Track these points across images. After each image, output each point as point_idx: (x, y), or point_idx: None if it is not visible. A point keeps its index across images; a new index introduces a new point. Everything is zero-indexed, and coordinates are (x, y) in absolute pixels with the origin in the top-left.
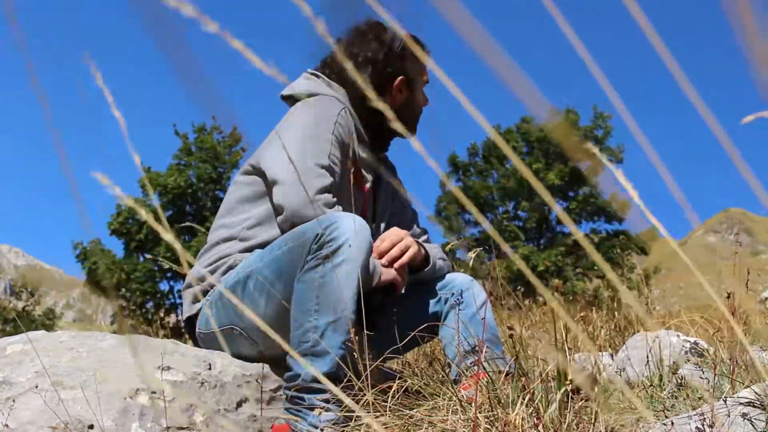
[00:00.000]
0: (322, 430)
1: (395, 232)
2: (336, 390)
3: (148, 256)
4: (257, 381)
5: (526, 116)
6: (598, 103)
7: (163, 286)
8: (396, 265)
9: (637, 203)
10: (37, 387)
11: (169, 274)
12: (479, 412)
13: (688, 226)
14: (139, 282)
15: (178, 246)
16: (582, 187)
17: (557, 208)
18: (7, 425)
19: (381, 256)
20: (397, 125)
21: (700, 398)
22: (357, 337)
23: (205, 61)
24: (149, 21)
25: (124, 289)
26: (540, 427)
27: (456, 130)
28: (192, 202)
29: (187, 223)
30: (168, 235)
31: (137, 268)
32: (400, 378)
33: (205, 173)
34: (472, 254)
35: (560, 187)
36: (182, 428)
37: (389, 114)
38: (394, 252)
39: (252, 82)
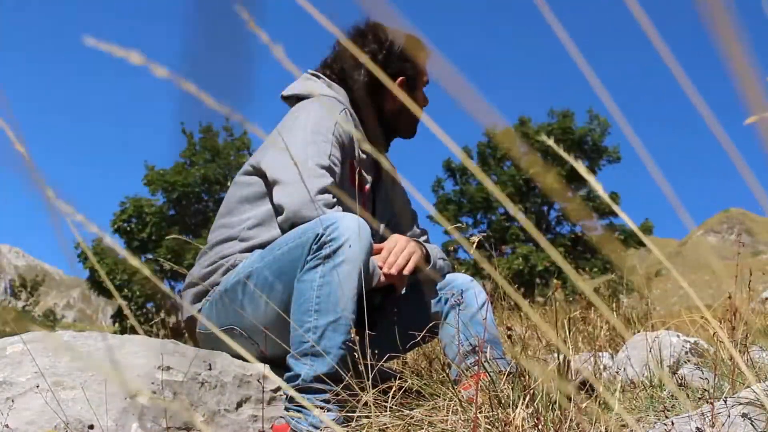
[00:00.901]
0: (322, 430)
1: (398, 241)
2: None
3: (149, 256)
4: (258, 381)
5: (524, 116)
6: (594, 105)
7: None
8: (406, 271)
9: (619, 208)
10: (37, 387)
11: (169, 275)
12: (479, 413)
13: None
14: (140, 283)
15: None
16: (581, 187)
17: (528, 224)
18: (7, 425)
19: (388, 267)
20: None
21: (700, 398)
22: (357, 337)
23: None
24: None
25: (126, 290)
26: (540, 427)
27: (451, 132)
28: (196, 202)
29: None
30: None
31: (136, 271)
32: (400, 378)
33: (210, 173)
34: (475, 238)
35: (559, 187)
36: (182, 428)
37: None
38: (400, 262)
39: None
